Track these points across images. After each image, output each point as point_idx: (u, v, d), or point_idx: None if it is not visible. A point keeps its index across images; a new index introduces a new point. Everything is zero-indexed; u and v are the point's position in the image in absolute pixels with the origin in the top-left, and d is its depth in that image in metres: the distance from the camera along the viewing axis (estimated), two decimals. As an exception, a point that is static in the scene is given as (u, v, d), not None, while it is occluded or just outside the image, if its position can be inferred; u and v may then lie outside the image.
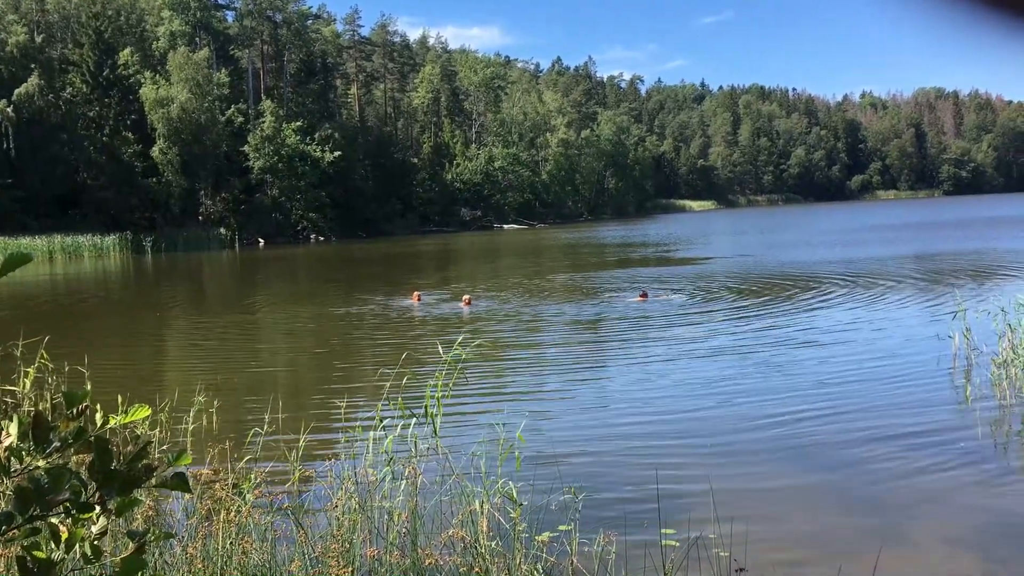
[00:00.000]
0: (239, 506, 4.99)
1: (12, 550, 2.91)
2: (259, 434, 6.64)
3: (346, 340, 17.79)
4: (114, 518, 1.71)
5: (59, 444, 1.61)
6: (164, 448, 7.09)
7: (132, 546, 1.71)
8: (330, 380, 13.60)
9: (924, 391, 11.10)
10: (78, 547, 1.67)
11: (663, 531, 5.31)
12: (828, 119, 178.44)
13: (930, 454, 8.49)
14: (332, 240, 67.80)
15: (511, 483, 5.38)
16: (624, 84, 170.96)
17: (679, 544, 5.37)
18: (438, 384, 6.33)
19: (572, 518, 5.34)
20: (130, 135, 62.36)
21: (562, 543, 5.10)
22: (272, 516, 5.18)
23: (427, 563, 4.64)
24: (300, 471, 6.03)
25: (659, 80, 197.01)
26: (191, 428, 8.18)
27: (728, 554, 5.11)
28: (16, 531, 1.57)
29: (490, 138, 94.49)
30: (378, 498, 5.50)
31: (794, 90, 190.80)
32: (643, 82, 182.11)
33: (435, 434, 6.21)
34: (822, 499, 7.53)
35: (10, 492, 1.59)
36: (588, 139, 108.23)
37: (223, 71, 70.67)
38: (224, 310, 25.22)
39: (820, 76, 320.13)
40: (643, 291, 22.76)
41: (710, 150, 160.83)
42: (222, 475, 5.53)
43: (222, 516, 4.75)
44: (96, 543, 1.69)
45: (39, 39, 66.08)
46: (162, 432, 7.63)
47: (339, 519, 5.05)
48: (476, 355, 13.67)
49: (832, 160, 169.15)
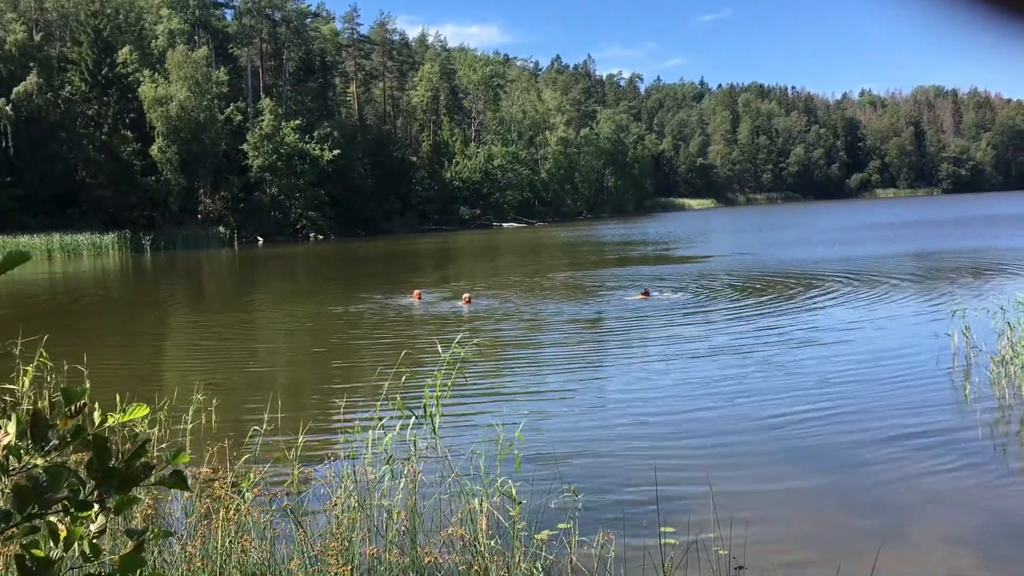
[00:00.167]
0: (238, 504, 4.99)
1: (11, 548, 2.91)
2: (258, 433, 6.64)
3: (346, 339, 17.78)
4: (113, 516, 1.71)
5: (57, 442, 1.61)
6: (163, 447, 7.09)
7: (131, 544, 1.71)
8: (329, 379, 13.60)
9: (923, 390, 11.11)
10: (77, 545, 1.67)
11: (662, 530, 5.31)
12: (827, 117, 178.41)
13: (929, 453, 8.49)
14: (331, 239, 67.77)
15: (510, 482, 5.38)
16: (623, 82, 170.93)
17: (678, 543, 5.37)
18: (437, 383, 6.33)
19: (571, 517, 5.35)
20: (129, 133, 62.32)
21: (561, 542, 5.10)
22: (271, 514, 5.19)
23: (426, 561, 4.64)
24: (299, 470, 6.02)
25: (658, 78, 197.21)
26: (190, 427, 8.17)
27: (727, 553, 5.11)
28: (15, 529, 1.57)
29: (489, 136, 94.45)
30: (377, 496, 5.50)
31: (793, 88, 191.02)
32: (642, 80, 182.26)
33: (434, 433, 6.21)
34: (821, 498, 7.53)
35: (9, 490, 1.59)
36: (587, 137, 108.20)
37: (222, 69, 70.66)
38: (223, 309, 25.21)
39: (819, 74, 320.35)
40: (645, 289, 22.70)
41: (709, 148, 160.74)
42: (221, 474, 5.52)
43: (221, 515, 4.75)
44: (95, 541, 1.69)
45: (38, 37, 66.01)
46: (161, 431, 7.63)
47: (338, 517, 5.05)
48: (476, 354, 13.68)
49: (831, 158, 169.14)
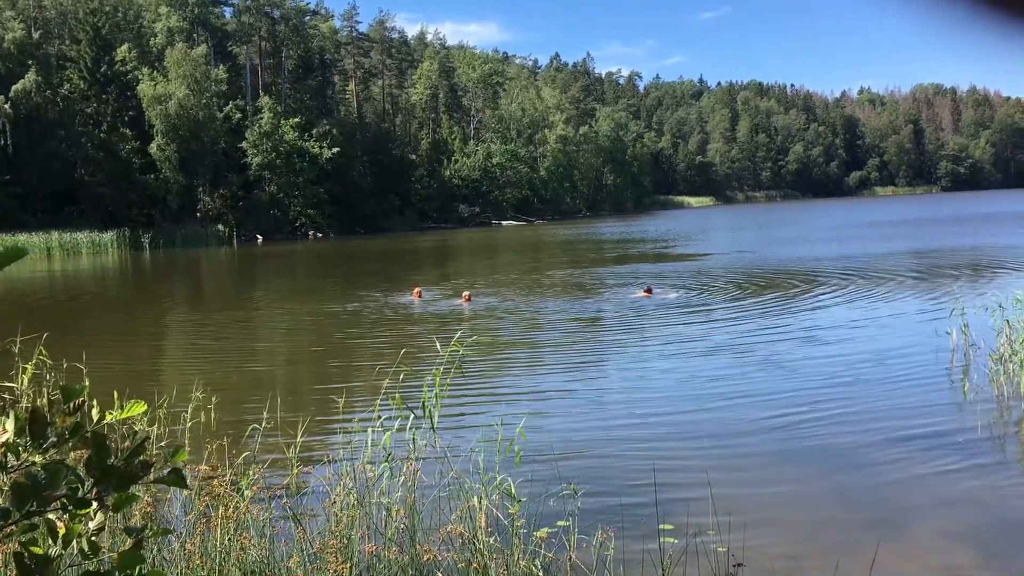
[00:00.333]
0: (237, 502, 4.99)
1: (9, 546, 2.91)
2: (257, 431, 6.64)
3: (345, 337, 17.78)
4: (111, 514, 1.71)
5: (56, 439, 1.61)
6: (162, 445, 7.09)
7: (130, 542, 1.71)
8: (329, 377, 13.60)
9: (922, 387, 11.12)
10: (75, 543, 1.67)
11: (661, 527, 5.32)
12: (826, 115, 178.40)
13: (928, 451, 8.50)
14: (330, 237, 67.73)
15: (509, 480, 5.38)
16: (622, 80, 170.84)
17: (677, 541, 5.37)
18: (436, 380, 6.33)
19: (570, 514, 5.35)
20: (128, 131, 62.26)
21: (560, 539, 5.11)
22: (270, 512, 5.19)
23: (425, 559, 4.64)
24: (298, 468, 6.03)
25: (657, 76, 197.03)
26: (189, 425, 8.17)
27: (726, 550, 5.11)
28: (14, 527, 1.57)
29: (488, 134, 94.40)
30: (376, 494, 5.50)
31: (792, 86, 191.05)
32: (641, 78, 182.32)
33: (433, 430, 6.21)
34: (820, 495, 7.53)
35: (7, 488, 1.59)
36: (586, 135, 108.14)
37: (221, 67, 70.58)
38: (222, 307, 25.20)
39: (818, 72, 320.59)
40: (648, 287, 22.52)
41: (708, 146, 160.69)
42: (220, 472, 5.52)
43: (220, 512, 4.75)
44: (93, 539, 1.69)
45: (36, 35, 65.96)
46: (160, 429, 7.63)
47: (337, 515, 5.05)
48: (476, 352, 13.69)
49: (830, 156, 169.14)
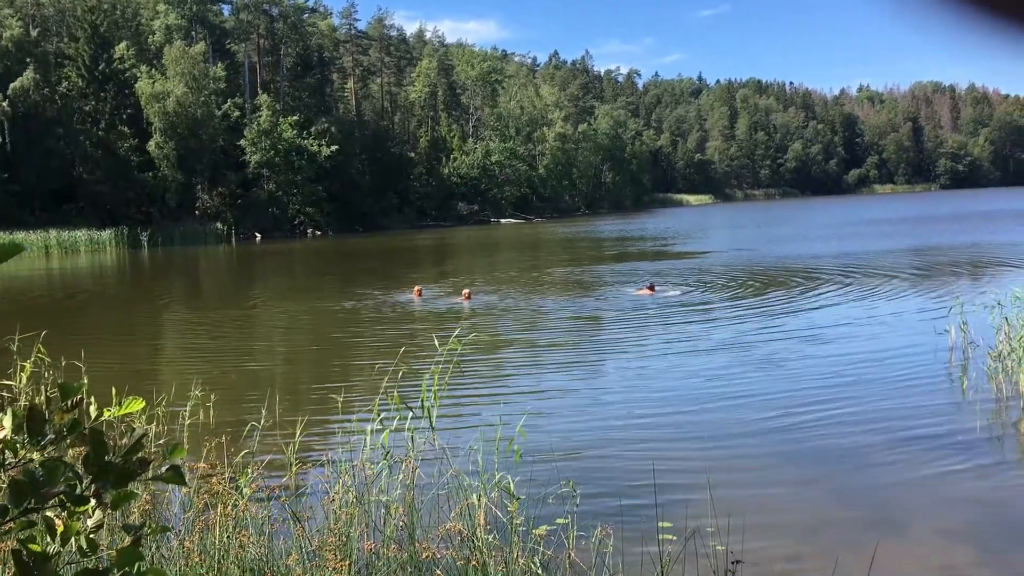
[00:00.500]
0: (236, 500, 4.99)
1: (8, 544, 2.91)
2: (256, 428, 6.63)
3: (344, 335, 17.78)
4: (110, 511, 1.71)
5: (54, 436, 1.61)
6: (161, 443, 7.08)
7: (128, 539, 1.71)
8: (328, 375, 13.60)
9: (921, 385, 11.13)
10: (74, 540, 1.67)
11: (660, 524, 5.31)
12: (825, 113, 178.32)
13: (927, 447, 8.51)
14: (329, 235, 67.69)
15: (509, 477, 5.38)
16: (621, 78, 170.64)
17: (676, 538, 5.37)
18: (435, 378, 6.33)
19: (569, 512, 5.35)
20: (126, 129, 62.20)
21: (559, 537, 5.10)
22: (269, 510, 5.18)
23: (424, 556, 4.64)
24: (297, 466, 6.02)
25: (656, 74, 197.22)
26: (188, 423, 8.17)
27: (725, 547, 5.11)
28: (12, 524, 1.57)
29: (487, 132, 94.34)
30: (375, 492, 5.50)
31: (791, 84, 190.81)
32: (640, 76, 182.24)
33: (431, 428, 6.21)
34: (819, 492, 7.54)
35: (5, 485, 1.59)
36: (585, 133, 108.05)
37: (219, 65, 70.50)
38: (221, 305, 25.19)
39: (817, 70, 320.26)
40: (650, 283, 22.32)
41: (707, 144, 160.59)
42: (219, 469, 5.52)
43: (219, 510, 4.75)
44: (92, 536, 1.69)
45: (34, 33, 65.84)
46: (159, 427, 7.62)
47: (336, 513, 5.05)
48: (476, 349, 13.69)
49: (829, 154, 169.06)
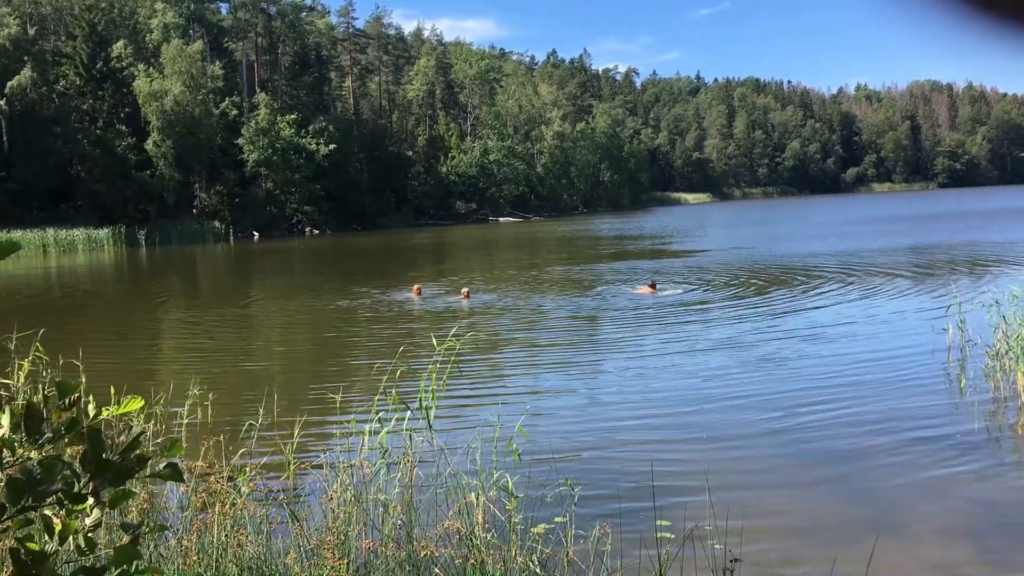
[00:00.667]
0: (234, 499, 4.98)
1: (5, 542, 2.90)
2: (254, 427, 6.63)
3: (343, 334, 17.77)
4: (108, 510, 1.71)
5: (51, 435, 1.60)
6: (159, 441, 7.07)
7: (126, 538, 1.70)
8: (326, 374, 13.59)
9: (919, 383, 11.14)
10: (72, 539, 1.66)
11: (658, 523, 5.31)
12: (823, 112, 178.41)
13: (925, 446, 8.52)
14: (327, 233, 67.66)
15: (507, 475, 5.38)
16: (619, 77, 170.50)
17: (674, 537, 5.37)
18: (432, 376, 6.32)
19: (568, 510, 5.34)
20: (124, 128, 62.15)
21: (557, 535, 5.10)
22: (267, 508, 5.18)
23: (422, 555, 4.63)
24: (295, 464, 6.02)
25: (654, 73, 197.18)
26: (186, 421, 8.16)
27: (723, 546, 5.11)
28: (9, 523, 1.57)
29: (485, 131, 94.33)
30: (373, 491, 5.49)
31: (789, 82, 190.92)
32: (638, 75, 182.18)
33: (429, 427, 6.21)
34: (817, 491, 7.54)
35: (3, 483, 1.58)
36: (583, 132, 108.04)
37: (217, 64, 70.41)
38: (219, 303, 25.16)
39: (815, 69, 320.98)
40: (652, 282, 22.18)
41: (705, 143, 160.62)
42: (217, 468, 5.51)
43: (217, 508, 4.74)
44: (90, 535, 1.68)
45: (32, 31, 65.73)
46: (157, 425, 7.61)
47: (334, 511, 5.04)
48: (475, 348, 13.69)
49: (827, 153, 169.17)
